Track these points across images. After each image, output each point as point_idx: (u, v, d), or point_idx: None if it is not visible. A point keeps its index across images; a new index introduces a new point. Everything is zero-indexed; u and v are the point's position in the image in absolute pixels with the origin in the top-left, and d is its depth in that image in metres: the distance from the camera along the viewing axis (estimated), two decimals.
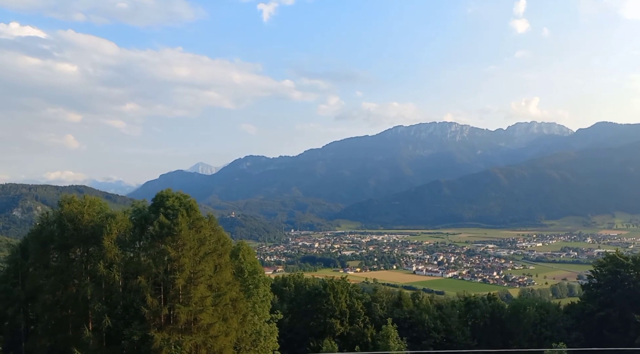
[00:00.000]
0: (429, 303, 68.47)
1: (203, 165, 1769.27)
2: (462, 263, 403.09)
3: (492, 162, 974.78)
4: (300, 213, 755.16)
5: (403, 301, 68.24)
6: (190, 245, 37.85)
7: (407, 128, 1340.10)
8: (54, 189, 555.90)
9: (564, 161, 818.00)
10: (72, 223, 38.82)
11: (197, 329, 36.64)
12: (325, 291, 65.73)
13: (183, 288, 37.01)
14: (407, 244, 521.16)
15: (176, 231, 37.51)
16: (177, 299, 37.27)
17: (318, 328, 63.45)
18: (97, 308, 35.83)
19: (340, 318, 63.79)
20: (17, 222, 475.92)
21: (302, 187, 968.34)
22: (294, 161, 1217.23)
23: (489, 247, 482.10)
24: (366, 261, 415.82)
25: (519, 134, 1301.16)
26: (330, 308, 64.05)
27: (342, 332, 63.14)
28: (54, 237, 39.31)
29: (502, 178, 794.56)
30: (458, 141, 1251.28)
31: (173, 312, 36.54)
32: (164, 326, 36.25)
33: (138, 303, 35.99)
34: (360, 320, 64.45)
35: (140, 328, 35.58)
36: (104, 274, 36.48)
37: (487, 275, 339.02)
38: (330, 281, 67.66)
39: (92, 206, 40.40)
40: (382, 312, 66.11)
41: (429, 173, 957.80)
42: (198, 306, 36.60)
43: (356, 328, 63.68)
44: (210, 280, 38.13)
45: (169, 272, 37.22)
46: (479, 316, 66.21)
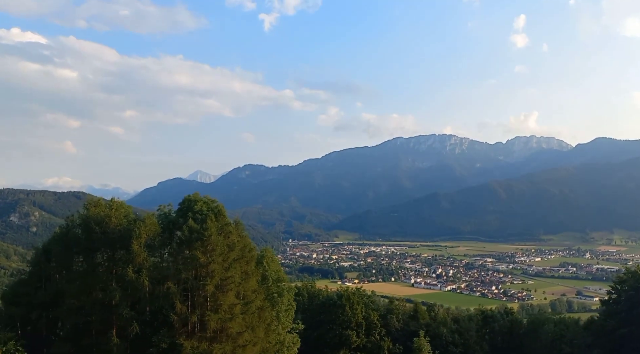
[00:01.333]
0: (446, 315, 67.39)
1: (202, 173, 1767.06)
2: (460, 276, 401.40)
3: (491, 176, 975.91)
4: (298, 223, 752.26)
5: (419, 314, 67.17)
6: (220, 251, 37.00)
7: (406, 139, 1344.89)
8: (51, 195, 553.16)
9: (562, 176, 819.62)
10: (99, 226, 37.94)
11: (225, 338, 35.64)
12: (341, 302, 64.70)
13: (212, 294, 36.08)
14: (405, 256, 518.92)
15: (206, 237, 36.66)
16: (206, 307, 36.32)
17: (333, 339, 62.36)
18: (125, 313, 34.82)
19: (357, 330, 62.72)
20: (14, 227, 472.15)
21: (301, 197, 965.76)
22: (293, 171, 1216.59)
23: (488, 261, 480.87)
24: (364, 272, 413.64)
25: (518, 148, 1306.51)
26: (346, 319, 63.01)
27: (358, 344, 62.06)
28: (80, 240, 38.38)
29: (501, 192, 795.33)
30: (457, 154, 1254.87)
31: (202, 319, 35.56)
32: (192, 334, 35.25)
33: (167, 310, 34.98)
34: (377, 332, 63.39)
35: (168, 335, 34.57)
36: (133, 279, 35.52)
37: (486, 289, 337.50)
38: (346, 291, 66.62)
39: (118, 210, 39.55)
40: (399, 324, 65.06)
41: (427, 186, 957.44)
42: (227, 314, 35.64)
43: (372, 341, 62.60)
44: (238, 287, 37.18)
45: (198, 278, 36.30)
46: (496, 331, 65.15)
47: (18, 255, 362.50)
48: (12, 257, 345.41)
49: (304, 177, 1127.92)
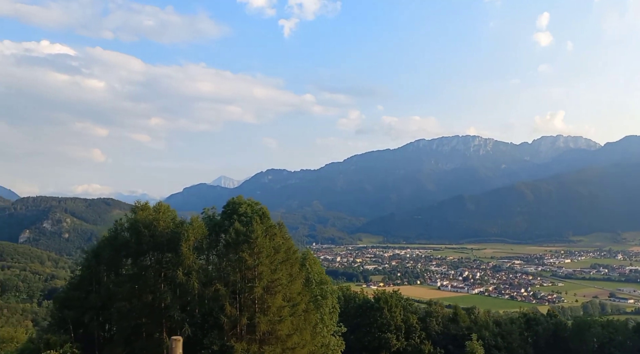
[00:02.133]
0: (487, 318, 65.92)
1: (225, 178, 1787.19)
2: (488, 279, 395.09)
3: (517, 177, 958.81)
4: (322, 227, 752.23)
5: (459, 317, 65.88)
6: (267, 253, 36.95)
7: (429, 142, 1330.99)
8: (82, 202, 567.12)
9: (591, 176, 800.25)
10: (148, 229, 38.35)
11: (275, 340, 35.50)
12: (379, 305, 63.98)
13: (260, 297, 36.01)
14: (430, 259, 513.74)
15: (252, 239, 36.65)
16: (254, 309, 36.27)
17: (372, 343, 61.65)
18: (176, 316, 35.03)
19: (396, 333, 61.87)
20: (47, 234, 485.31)
21: (323, 201, 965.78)
22: (315, 175, 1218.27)
23: (516, 263, 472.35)
24: (389, 275, 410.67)
25: (544, 148, 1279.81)
26: (385, 322, 62.25)
27: (398, 348, 61.19)
28: (128, 244, 38.86)
29: (528, 193, 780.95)
30: (481, 155, 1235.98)
31: (251, 321, 35.51)
32: (241, 336, 35.22)
33: (217, 312, 35.06)
34: (417, 336, 62.39)
35: (219, 337, 34.62)
36: (183, 281, 35.75)
37: (515, 292, 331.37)
38: (383, 294, 65.85)
39: (165, 213, 39.94)
40: (438, 328, 63.94)
41: (451, 188, 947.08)
42: (276, 316, 35.51)
43: (412, 344, 61.63)
44: (284, 290, 37.05)
45: (246, 280, 36.29)
46: (540, 334, 63.39)
47: (51, 260, 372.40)
48: (46, 263, 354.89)
49: (327, 180, 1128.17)
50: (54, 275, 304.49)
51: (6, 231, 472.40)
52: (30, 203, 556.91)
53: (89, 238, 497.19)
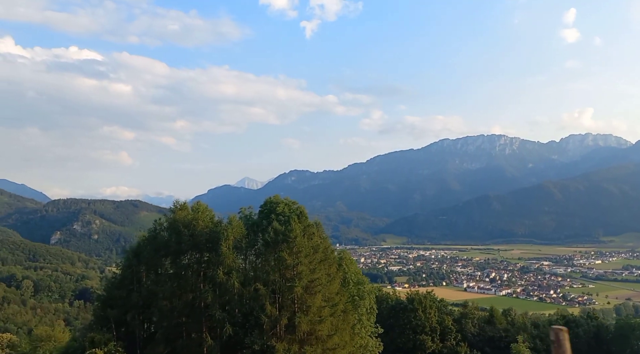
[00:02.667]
0: (525, 320, 64.31)
1: (249, 179, 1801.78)
2: (516, 280, 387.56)
3: (545, 176, 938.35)
4: (345, 228, 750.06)
5: (495, 319, 64.45)
6: (306, 253, 36.72)
7: (453, 141, 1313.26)
8: (110, 204, 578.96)
9: (622, 174, 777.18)
10: (187, 229, 38.57)
11: (315, 341, 35.19)
12: (413, 306, 63.12)
13: (300, 297, 35.78)
14: (456, 260, 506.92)
15: (291, 238, 36.50)
16: (293, 309, 36.06)
17: (407, 344, 60.85)
18: (217, 315, 35.06)
19: (431, 335, 60.90)
20: (77, 235, 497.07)
21: (347, 201, 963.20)
22: (338, 175, 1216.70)
23: (544, 264, 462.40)
24: (414, 277, 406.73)
25: (572, 146, 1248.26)
26: (420, 323, 61.35)
27: (434, 349, 60.22)
28: (168, 243, 39.14)
29: (556, 192, 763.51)
30: (507, 154, 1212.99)
31: (291, 321, 35.30)
32: (282, 336, 35.04)
33: (257, 311, 34.95)
34: (452, 338, 61.29)
35: (260, 336, 34.50)
36: (223, 280, 35.78)
37: (544, 293, 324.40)
38: (417, 295, 64.94)
39: (204, 213, 40.11)
40: (474, 329, 62.68)
41: (477, 187, 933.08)
42: (316, 316, 35.20)
43: (448, 346, 60.58)
44: (324, 290, 36.71)
45: (285, 280, 36.12)
46: (581, 336, 61.46)
47: (82, 261, 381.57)
48: (77, 263, 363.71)
49: (350, 181, 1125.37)
50: (85, 275, 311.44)
51: (38, 233, 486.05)
52: (60, 205, 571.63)
53: (118, 240, 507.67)
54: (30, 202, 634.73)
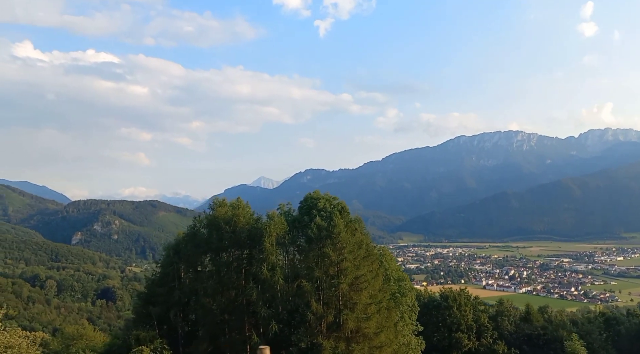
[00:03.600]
0: (563, 317, 62.76)
1: (265, 179, 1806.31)
2: (535, 277, 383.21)
3: (564, 172, 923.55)
4: None
5: (532, 316, 63.03)
6: (350, 248, 36.01)
7: (469, 138, 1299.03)
8: (129, 204, 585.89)
9: None
10: (228, 225, 38.15)
11: (362, 338, 34.49)
12: (447, 304, 62.02)
13: (345, 293, 35.09)
14: (474, 258, 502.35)
15: (335, 234, 35.79)
16: (338, 306, 35.39)
17: (442, 342, 59.76)
18: (263, 312, 34.55)
19: (467, 333, 59.72)
20: (98, 236, 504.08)
21: (363, 200, 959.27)
22: (354, 173, 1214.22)
23: (564, 261, 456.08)
24: (432, 275, 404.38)
25: (592, 142, 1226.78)
26: (455, 321, 60.20)
27: (470, 348, 59.05)
28: (209, 240, 38.79)
29: (575, 189, 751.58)
30: (525, 150, 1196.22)
31: (337, 319, 34.64)
32: (328, 334, 34.39)
33: (303, 308, 34.36)
34: (489, 335, 60.02)
35: (306, 334, 33.91)
36: (267, 277, 35.28)
37: (565, 291, 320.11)
38: (451, 292, 63.83)
39: (244, 209, 39.68)
40: (511, 327, 61.35)
41: (494, 185, 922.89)
42: (362, 314, 34.48)
43: (484, 344, 59.36)
44: (369, 286, 35.96)
45: (330, 276, 35.46)
46: (622, 334, 59.71)
47: (102, 261, 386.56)
48: (98, 263, 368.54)
49: (365, 179, 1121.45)
50: (106, 275, 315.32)
51: (59, 233, 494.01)
52: (81, 206, 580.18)
53: (137, 239, 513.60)
54: (51, 203, 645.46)
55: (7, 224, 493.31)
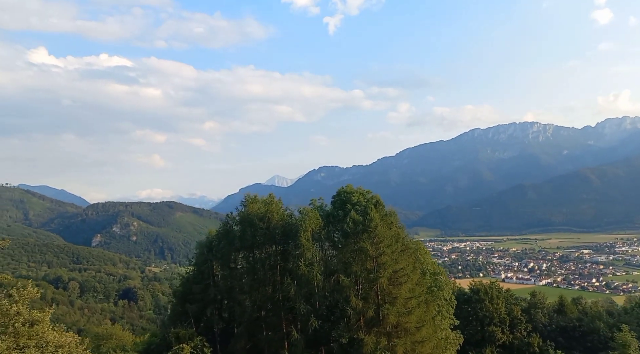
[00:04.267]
0: (598, 308, 61.33)
1: (279, 177, 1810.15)
2: (555, 269, 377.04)
3: (581, 162, 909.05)
4: None
5: (566, 307, 61.66)
6: (387, 242, 35.34)
7: (484, 130, 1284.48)
8: (147, 206, 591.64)
9: None
10: (262, 221, 37.75)
11: (403, 333, 33.82)
12: (479, 297, 60.94)
13: (384, 288, 34.45)
14: (492, 251, 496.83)
15: (371, 228, 35.16)
16: (376, 300, 34.79)
17: (475, 336, 58.64)
18: (302, 308, 34.10)
19: (501, 326, 58.59)
20: (117, 237, 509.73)
21: None
22: (368, 170, 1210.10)
23: (584, 252, 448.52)
24: (450, 269, 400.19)
25: (609, 131, 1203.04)
26: (488, 314, 59.08)
27: (504, 341, 57.90)
28: (244, 236, 38.42)
29: (594, 178, 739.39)
30: (541, 141, 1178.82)
31: (378, 314, 34.04)
32: (369, 329, 33.82)
33: (342, 304, 33.83)
34: (522, 328, 58.85)
35: (346, 329, 33.37)
36: (305, 273, 34.80)
37: (586, 282, 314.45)
38: (482, 285, 62.72)
39: (277, 205, 39.25)
40: (545, 319, 60.09)
41: (511, 177, 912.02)
42: (404, 308, 33.80)
43: (518, 337, 58.20)
44: (409, 280, 35.26)
45: (368, 271, 34.86)
46: None
47: (123, 262, 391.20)
48: (118, 264, 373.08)
49: (380, 175, 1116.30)
50: (126, 275, 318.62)
51: (80, 236, 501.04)
52: (99, 208, 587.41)
53: (155, 240, 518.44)
54: (70, 207, 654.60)
55: (29, 228, 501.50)
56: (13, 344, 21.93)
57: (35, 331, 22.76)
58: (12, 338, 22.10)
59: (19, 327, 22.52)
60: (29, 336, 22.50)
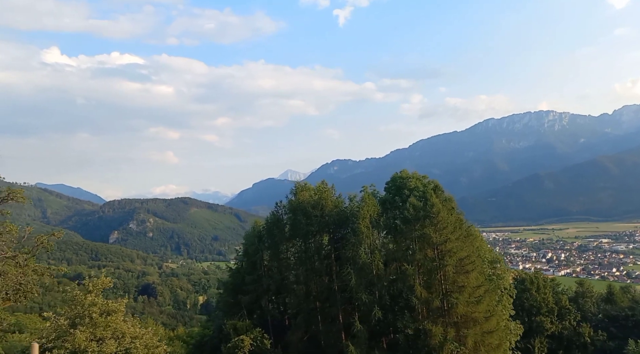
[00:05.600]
0: None
1: (292, 172, 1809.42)
2: (574, 260, 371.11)
3: (599, 150, 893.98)
4: None
5: (615, 296, 59.51)
6: (451, 228, 33.60)
7: (498, 120, 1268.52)
8: (162, 202, 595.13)
9: None
10: (316, 209, 36.25)
11: (472, 323, 32.14)
12: (524, 286, 59.00)
13: (450, 276, 32.76)
14: (509, 242, 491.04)
15: (434, 214, 33.44)
16: (441, 289, 33.13)
17: (523, 326, 56.78)
18: (364, 298, 32.56)
19: (549, 316, 56.63)
20: (134, 234, 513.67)
21: None
22: (381, 162, 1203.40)
23: (603, 242, 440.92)
24: None
25: (627, 118, 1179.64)
26: (535, 304, 57.18)
27: (553, 331, 55.94)
28: (298, 225, 36.96)
29: (612, 167, 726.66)
30: (557, 130, 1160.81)
31: (445, 303, 32.39)
32: (435, 319, 32.19)
33: (406, 293, 32.23)
34: (572, 318, 56.83)
35: (412, 320, 31.81)
36: (366, 261, 33.23)
37: (606, 272, 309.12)
38: (527, 274, 60.74)
39: (331, 192, 37.69)
40: (594, 309, 58.02)
41: (526, 167, 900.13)
42: (473, 297, 32.10)
43: (568, 327, 56.22)
44: (477, 268, 33.52)
45: (431, 259, 33.19)
46: None
47: (140, 258, 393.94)
48: (136, 260, 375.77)
49: (393, 167, 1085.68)
50: (145, 271, 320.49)
51: (97, 233, 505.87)
52: (116, 206, 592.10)
53: (171, 236, 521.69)
54: (87, 204, 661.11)
55: (47, 226, 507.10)
56: (90, 335, 21.20)
57: (110, 321, 22.10)
58: (89, 329, 21.39)
59: (96, 317, 21.83)
60: (105, 327, 21.84)
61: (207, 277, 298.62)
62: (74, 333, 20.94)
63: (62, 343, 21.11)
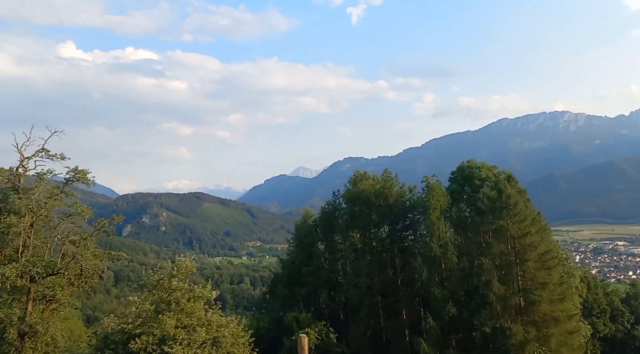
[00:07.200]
0: None
1: (304, 169, 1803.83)
2: (589, 262, 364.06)
3: (615, 152, 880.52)
4: None
5: None
6: (530, 221, 31.32)
7: (513, 120, 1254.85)
8: (175, 196, 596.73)
9: None
10: (379, 199, 34.14)
11: (554, 323, 29.85)
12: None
13: (531, 272, 30.49)
14: None
15: (511, 205, 31.17)
16: (519, 286, 30.90)
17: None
18: (437, 293, 30.43)
19: (602, 318, 54.11)
20: (146, 228, 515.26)
21: None
22: (393, 160, 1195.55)
23: (619, 244, 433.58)
24: None
25: None
26: (587, 305, 54.59)
27: (606, 333, 53.43)
28: (357, 215, 34.93)
29: (629, 169, 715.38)
30: (572, 131, 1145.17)
31: (525, 301, 30.16)
32: (515, 317, 29.97)
33: (483, 289, 30.03)
34: (625, 320, 54.28)
35: (490, 317, 29.61)
36: (438, 255, 31.08)
37: (622, 275, 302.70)
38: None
39: (394, 181, 35.53)
40: None
41: (541, 167, 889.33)
42: (556, 295, 29.82)
43: (621, 329, 53.70)
44: (559, 263, 31.22)
45: (510, 253, 30.96)
46: None
47: (153, 252, 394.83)
48: (149, 254, 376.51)
49: (406, 166, 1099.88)
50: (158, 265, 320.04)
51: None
52: (129, 199, 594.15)
53: (184, 231, 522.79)
54: (101, 198, 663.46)
55: None
56: (177, 322, 19.56)
57: (196, 307, 20.45)
58: (176, 315, 19.74)
59: (184, 303, 20.15)
60: (191, 314, 20.17)
61: (219, 272, 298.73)
62: (162, 319, 19.23)
63: (148, 329, 19.47)
